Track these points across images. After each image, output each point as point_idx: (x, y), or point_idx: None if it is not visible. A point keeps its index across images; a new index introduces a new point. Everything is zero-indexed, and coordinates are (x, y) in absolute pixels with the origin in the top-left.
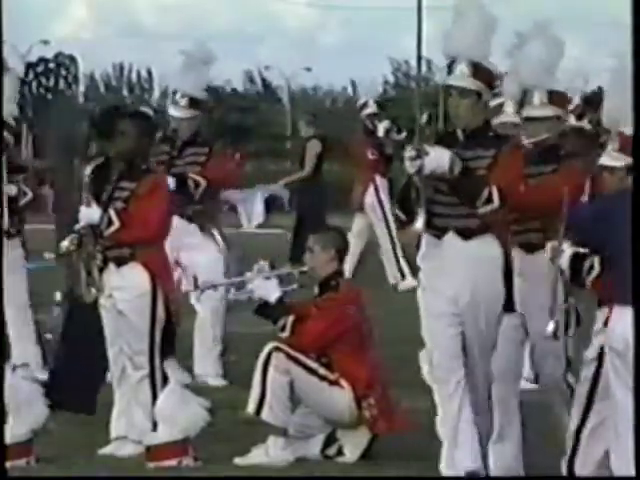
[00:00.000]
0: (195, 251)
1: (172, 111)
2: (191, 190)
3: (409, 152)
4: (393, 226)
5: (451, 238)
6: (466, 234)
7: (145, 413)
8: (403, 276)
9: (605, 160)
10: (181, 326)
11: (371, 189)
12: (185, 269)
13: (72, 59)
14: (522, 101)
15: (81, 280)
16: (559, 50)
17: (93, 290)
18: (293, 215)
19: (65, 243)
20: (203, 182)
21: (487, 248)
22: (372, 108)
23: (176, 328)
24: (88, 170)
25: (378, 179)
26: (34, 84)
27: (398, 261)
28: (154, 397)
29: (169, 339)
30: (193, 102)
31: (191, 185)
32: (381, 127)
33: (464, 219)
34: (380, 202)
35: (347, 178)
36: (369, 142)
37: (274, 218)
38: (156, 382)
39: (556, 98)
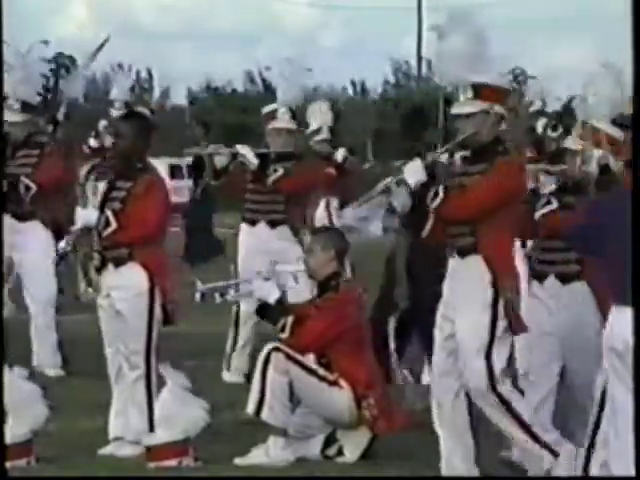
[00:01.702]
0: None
1: (5, 115)
2: (22, 193)
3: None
4: None
5: None
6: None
7: (141, 413)
8: None
9: (568, 143)
10: (179, 326)
11: None
12: (12, 266)
13: (72, 59)
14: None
15: (78, 280)
16: (481, 42)
17: (90, 290)
18: None
19: (62, 244)
20: (33, 186)
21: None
22: None
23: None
24: (84, 170)
25: None
26: None
27: None
28: (149, 397)
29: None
30: (26, 106)
31: (22, 188)
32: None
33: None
34: None
35: None
36: None
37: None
38: (152, 382)
39: (486, 92)
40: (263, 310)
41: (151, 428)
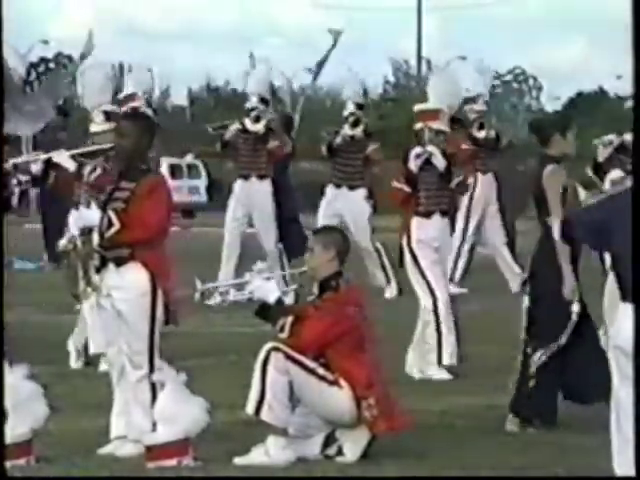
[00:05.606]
0: None
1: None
2: None
3: None
4: None
5: None
6: None
7: (144, 413)
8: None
9: None
10: (180, 326)
11: None
12: None
13: (70, 59)
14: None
15: (78, 280)
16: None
17: (89, 290)
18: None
19: (63, 242)
20: None
21: None
22: None
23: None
24: (87, 170)
25: None
26: (35, 84)
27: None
28: (153, 397)
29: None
30: None
31: None
32: None
33: None
34: None
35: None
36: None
37: None
38: (155, 382)
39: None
40: (263, 310)
41: (154, 427)
